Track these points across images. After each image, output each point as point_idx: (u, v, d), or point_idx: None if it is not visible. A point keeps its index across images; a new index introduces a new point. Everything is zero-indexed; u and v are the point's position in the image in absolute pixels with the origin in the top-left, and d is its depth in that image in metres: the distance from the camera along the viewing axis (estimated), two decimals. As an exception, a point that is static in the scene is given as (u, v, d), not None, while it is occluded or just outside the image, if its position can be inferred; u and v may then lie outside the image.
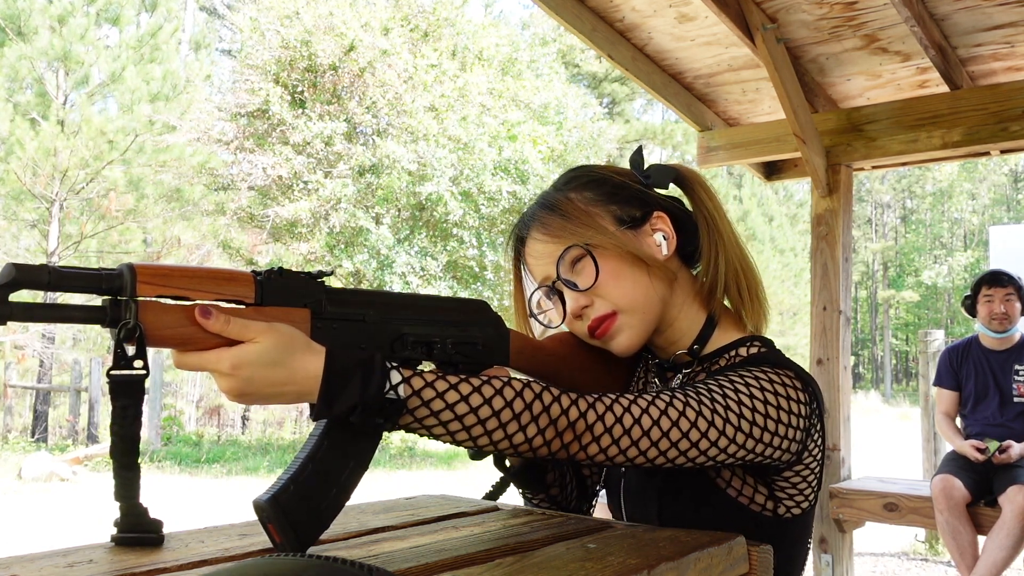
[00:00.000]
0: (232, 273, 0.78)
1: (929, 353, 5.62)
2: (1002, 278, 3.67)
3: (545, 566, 0.75)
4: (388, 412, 0.75)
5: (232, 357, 0.73)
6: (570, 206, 1.03)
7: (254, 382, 0.73)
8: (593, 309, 1.02)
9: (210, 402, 14.27)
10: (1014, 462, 3.39)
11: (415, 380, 0.78)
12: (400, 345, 0.89)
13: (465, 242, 12.10)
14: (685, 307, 1.05)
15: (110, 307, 0.72)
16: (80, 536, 5.74)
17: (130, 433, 0.75)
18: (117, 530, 0.79)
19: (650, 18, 3.26)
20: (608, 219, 1.03)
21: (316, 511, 0.76)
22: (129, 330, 0.71)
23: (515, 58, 13.70)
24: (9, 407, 13.07)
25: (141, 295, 0.72)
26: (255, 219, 12.76)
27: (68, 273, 0.70)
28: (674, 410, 0.87)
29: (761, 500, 0.99)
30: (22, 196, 12.34)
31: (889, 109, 3.58)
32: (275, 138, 12.22)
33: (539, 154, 12.45)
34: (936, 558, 5.32)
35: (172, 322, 0.73)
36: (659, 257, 1.03)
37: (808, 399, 0.96)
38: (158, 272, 0.73)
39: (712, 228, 1.05)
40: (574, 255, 1.01)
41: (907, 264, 33.40)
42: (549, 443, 0.82)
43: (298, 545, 0.75)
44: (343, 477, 0.78)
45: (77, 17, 12.46)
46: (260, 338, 0.73)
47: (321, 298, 0.83)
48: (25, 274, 0.67)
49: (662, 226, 1.04)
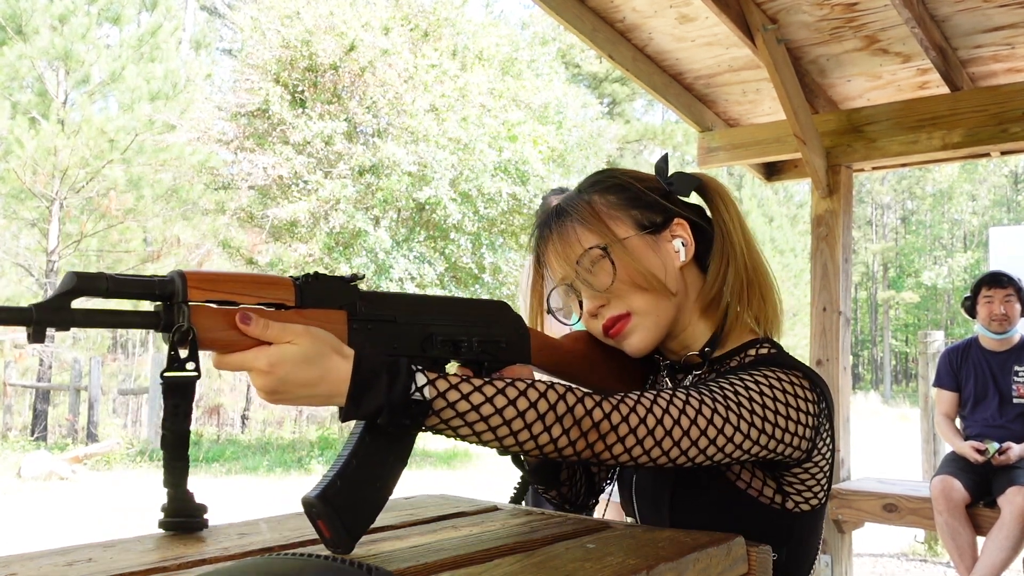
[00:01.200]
0: (273, 279, 0.82)
1: (929, 354, 5.62)
2: (1002, 279, 3.67)
3: (544, 566, 0.75)
4: (414, 413, 0.78)
5: (270, 356, 0.76)
6: (593, 208, 1.06)
7: (288, 381, 0.76)
8: (608, 309, 1.05)
9: (210, 401, 14.26)
10: (1013, 463, 3.39)
11: (440, 382, 0.80)
12: (429, 344, 0.92)
13: (463, 246, 12.11)
14: (698, 312, 1.08)
15: (163, 312, 0.76)
16: (79, 535, 5.74)
17: (181, 429, 0.81)
18: (164, 515, 0.84)
19: (651, 19, 3.26)
20: (629, 223, 1.06)
21: (363, 506, 0.80)
22: (183, 334, 0.74)
23: (515, 58, 13.70)
24: (9, 406, 13.07)
25: (191, 300, 0.75)
26: (255, 219, 12.77)
27: (124, 280, 0.74)
28: (691, 408, 0.89)
29: (770, 494, 1.00)
30: (22, 195, 12.34)
31: (889, 110, 3.58)
32: (275, 138, 12.22)
33: (539, 155, 12.44)
34: (935, 559, 5.32)
35: (219, 325, 0.76)
36: (676, 263, 1.06)
37: (817, 398, 0.98)
38: (206, 278, 0.77)
39: (726, 239, 1.08)
40: (594, 255, 1.03)
41: (907, 265, 33.40)
42: (574, 443, 0.84)
43: (348, 540, 0.78)
44: (385, 472, 0.81)
45: (78, 16, 12.46)
46: (297, 340, 0.76)
47: (355, 300, 0.86)
48: (85, 282, 0.71)
49: (681, 233, 1.07)
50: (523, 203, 12.04)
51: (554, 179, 12.43)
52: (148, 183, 13.00)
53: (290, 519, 0.96)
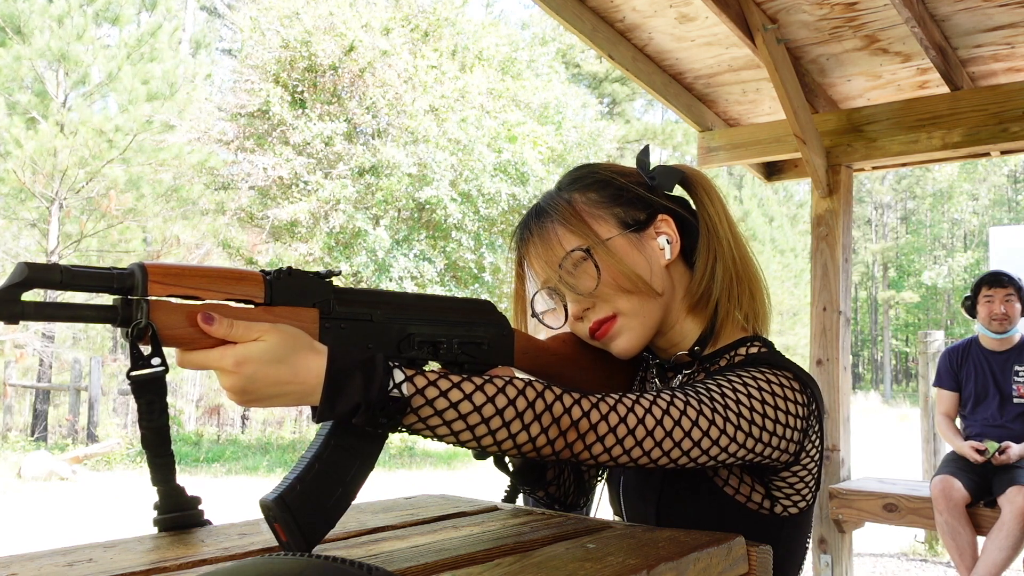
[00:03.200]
0: (242, 273, 0.78)
1: (929, 354, 5.62)
2: (1002, 279, 3.67)
3: (545, 566, 0.75)
4: (391, 411, 0.75)
5: (236, 354, 0.72)
6: (573, 208, 1.03)
7: (257, 380, 0.72)
8: (594, 312, 1.02)
9: (210, 401, 14.26)
10: (1013, 463, 3.39)
11: (418, 379, 0.77)
12: (407, 345, 0.89)
13: (464, 244, 12.10)
14: (687, 310, 1.05)
15: (121, 306, 0.72)
16: (79, 535, 5.74)
17: (158, 425, 0.79)
18: (158, 513, 0.82)
19: (651, 18, 3.26)
20: (612, 222, 1.02)
21: (322, 511, 0.76)
22: (141, 330, 0.71)
23: (515, 58, 13.70)
24: (9, 406, 13.07)
25: (152, 295, 0.72)
26: (254, 219, 12.77)
27: (80, 272, 0.70)
28: (675, 409, 0.87)
29: (758, 499, 0.99)
30: (22, 195, 12.34)
31: (889, 110, 3.58)
32: (275, 138, 12.22)
33: (539, 155, 12.44)
34: (935, 559, 5.32)
35: (180, 322, 0.73)
36: (662, 261, 1.03)
37: (807, 400, 0.96)
38: (169, 272, 0.73)
39: (712, 234, 1.04)
40: (576, 258, 1.00)
41: (907, 265, 33.39)
42: (552, 442, 0.82)
43: (304, 544, 0.75)
44: (349, 477, 0.78)
45: (75, 17, 12.46)
46: (265, 336, 0.73)
47: (329, 298, 0.83)
48: (38, 272, 0.67)
49: (666, 229, 1.03)
50: (523, 203, 12.04)
51: (553, 179, 12.44)
52: (148, 183, 13.00)
53: (290, 519, 0.95)
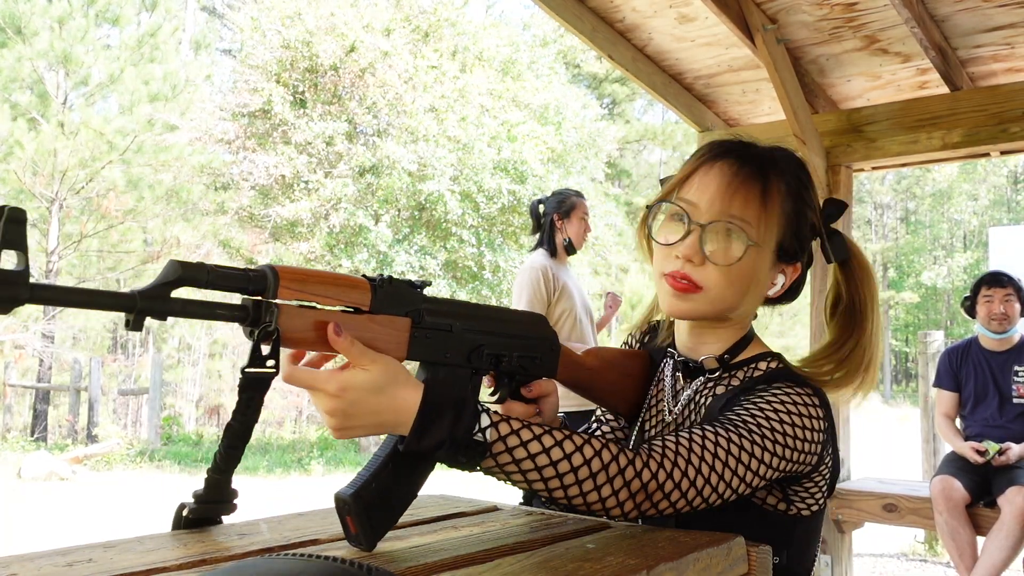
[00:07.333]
0: (354, 280, 0.81)
1: (928, 354, 5.61)
2: (1002, 279, 3.66)
3: (544, 566, 0.75)
4: (472, 453, 0.80)
5: (341, 380, 0.76)
6: (774, 199, 1.03)
7: (356, 405, 0.77)
8: (694, 269, 1.02)
9: (210, 402, 14.27)
10: (1013, 463, 3.39)
11: (502, 425, 0.82)
12: (476, 356, 0.91)
13: (464, 241, 12.10)
14: (738, 322, 1.09)
15: (252, 307, 0.75)
16: (80, 535, 5.74)
17: (251, 421, 0.83)
18: (195, 500, 0.87)
19: (650, 19, 3.26)
20: (777, 235, 1.05)
21: (390, 509, 0.82)
22: (268, 332, 0.74)
23: (515, 59, 13.69)
24: (9, 406, 13.07)
25: (280, 298, 0.75)
26: (255, 219, 12.77)
27: (223, 272, 0.73)
28: (722, 451, 0.91)
29: (773, 502, 1.03)
30: (22, 196, 12.34)
31: (889, 110, 3.58)
32: (276, 138, 12.23)
33: (539, 155, 12.44)
34: (935, 559, 5.31)
35: (305, 326, 0.76)
36: (767, 292, 1.08)
37: (824, 415, 1.01)
38: (296, 276, 0.76)
39: (857, 312, 1.09)
40: (739, 229, 1.01)
41: (907, 265, 33.36)
42: (622, 504, 0.86)
43: (372, 538, 0.80)
44: (415, 478, 0.83)
45: (76, 18, 12.46)
46: (371, 367, 0.77)
47: (421, 308, 0.86)
48: (189, 272, 0.70)
49: (792, 274, 1.09)
50: (522, 202, 12.04)
51: (553, 179, 12.44)
52: (148, 184, 13.01)
53: (290, 519, 0.96)
